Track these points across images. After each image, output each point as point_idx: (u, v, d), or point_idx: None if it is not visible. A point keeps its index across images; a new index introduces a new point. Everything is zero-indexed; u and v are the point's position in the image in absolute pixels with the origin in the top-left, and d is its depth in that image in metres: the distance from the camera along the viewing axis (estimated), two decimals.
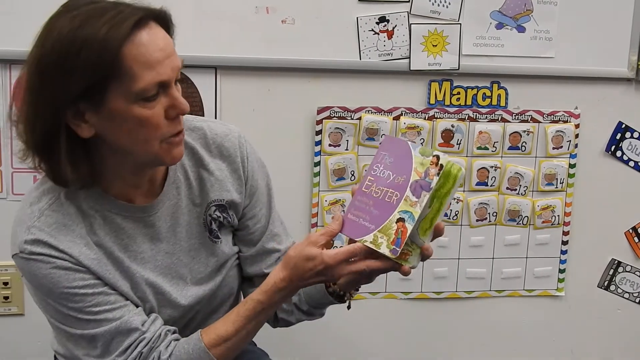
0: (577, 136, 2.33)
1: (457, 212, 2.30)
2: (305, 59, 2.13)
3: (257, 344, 1.71)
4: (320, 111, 2.18)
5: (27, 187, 1.35)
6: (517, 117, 2.28)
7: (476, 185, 2.29)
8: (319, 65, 2.14)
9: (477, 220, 2.33)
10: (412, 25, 2.15)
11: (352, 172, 2.22)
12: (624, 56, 2.29)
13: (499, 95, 2.26)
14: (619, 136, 2.36)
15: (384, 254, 1.27)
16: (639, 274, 2.47)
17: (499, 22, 2.20)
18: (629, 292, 2.49)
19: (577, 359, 2.52)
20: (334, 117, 2.18)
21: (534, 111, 2.29)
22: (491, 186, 2.30)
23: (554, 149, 2.31)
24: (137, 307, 1.35)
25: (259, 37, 2.10)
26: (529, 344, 2.48)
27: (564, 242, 2.40)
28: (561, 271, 2.42)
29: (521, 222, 2.35)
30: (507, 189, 2.31)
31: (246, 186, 1.46)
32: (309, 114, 2.19)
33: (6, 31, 1.98)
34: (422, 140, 2.23)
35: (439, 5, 2.15)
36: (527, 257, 2.39)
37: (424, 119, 2.24)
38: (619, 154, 2.38)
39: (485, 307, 2.42)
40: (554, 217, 2.36)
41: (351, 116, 2.19)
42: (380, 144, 1.66)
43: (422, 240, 1.27)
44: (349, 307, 1.48)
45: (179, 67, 1.24)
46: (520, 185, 2.31)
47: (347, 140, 2.20)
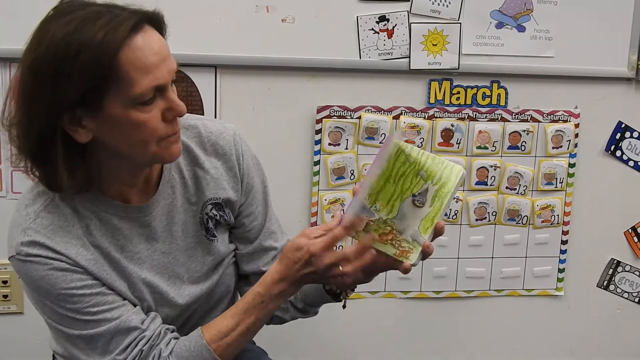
0: (576, 136, 2.33)
1: (456, 212, 2.30)
2: (305, 57, 2.13)
3: (256, 343, 1.71)
4: (320, 110, 2.18)
5: (26, 186, 1.34)
6: (516, 116, 2.28)
7: (476, 184, 2.29)
8: (319, 64, 2.14)
9: (476, 219, 2.33)
10: (412, 24, 2.15)
11: (352, 171, 2.22)
12: (623, 56, 2.29)
13: (499, 94, 2.26)
14: (618, 136, 2.36)
15: (384, 252, 1.28)
16: (638, 274, 2.47)
17: (499, 21, 2.20)
18: (628, 292, 2.49)
19: (576, 359, 2.53)
20: (334, 116, 2.18)
21: (533, 111, 2.29)
22: (491, 186, 2.30)
23: (553, 148, 2.31)
24: (134, 306, 1.35)
25: (259, 36, 2.10)
26: (528, 343, 2.48)
27: (564, 242, 2.40)
28: (560, 271, 2.42)
29: (521, 221, 2.35)
30: (507, 188, 2.31)
31: (242, 184, 1.46)
32: (308, 113, 2.19)
33: (6, 29, 1.97)
34: (421, 139, 2.23)
35: (439, 4, 2.15)
36: (526, 257, 2.39)
37: (424, 118, 2.23)
38: (618, 153, 2.37)
39: (484, 307, 2.42)
40: (553, 217, 2.36)
41: (351, 115, 2.19)
42: (381, 143, 1.66)
43: (423, 238, 1.28)
44: (345, 307, 1.48)
45: (175, 70, 1.24)
46: (519, 184, 2.31)
47: (347, 139, 2.20)
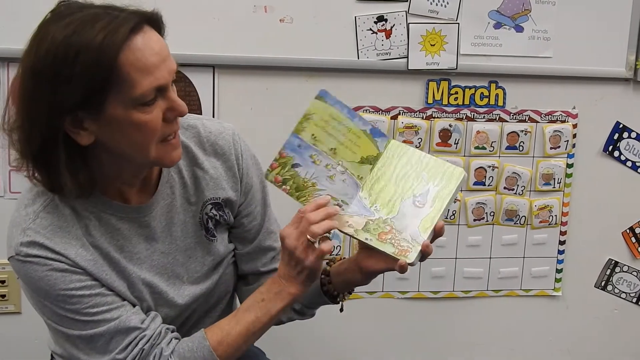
0: (574, 136, 2.33)
1: (454, 212, 2.30)
2: (303, 58, 2.13)
3: (253, 343, 1.71)
4: None
5: (24, 186, 1.34)
6: (514, 116, 2.28)
7: (473, 184, 2.29)
8: (317, 64, 2.14)
9: (474, 220, 2.33)
10: (410, 24, 2.15)
11: None
12: (622, 56, 2.29)
13: (497, 94, 2.26)
14: (616, 136, 2.36)
15: (383, 250, 1.30)
16: (636, 274, 2.48)
17: (497, 21, 2.20)
18: (626, 292, 2.49)
19: (573, 359, 2.53)
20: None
21: (531, 111, 2.29)
22: (488, 186, 2.30)
23: (551, 148, 2.31)
24: (134, 306, 1.35)
25: (257, 36, 2.09)
26: (526, 343, 2.48)
27: (561, 242, 2.40)
28: (558, 271, 2.42)
29: (518, 221, 2.35)
30: (505, 188, 2.31)
31: (241, 184, 1.46)
32: None
33: (4, 29, 1.97)
34: (419, 139, 2.23)
35: (437, 4, 2.15)
36: (524, 257, 2.39)
37: (422, 118, 2.23)
38: (616, 154, 2.38)
39: (482, 307, 2.42)
40: (551, 217, 2.36)
41: None
42: None
43: (422, 237, 1.29)
44: (342, 310, 1.48)
45: (175, 70, 1.24)
46: (517, 185, 2.31)
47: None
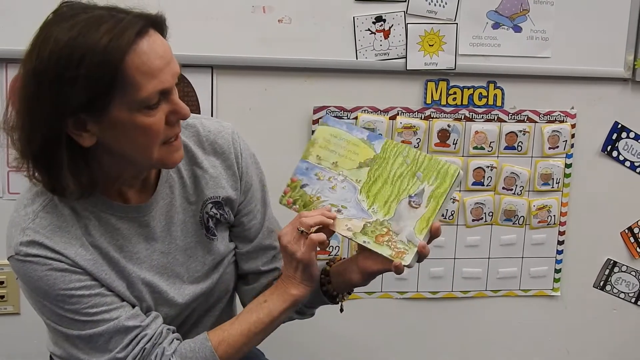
0: (573, 136, 2.33)
1: (452, 212, 2.30)
2: (301, 58, 2.13)
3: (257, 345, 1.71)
4: (316, 110, 2.18)
5: (23, 187, 1.34)
6: (513, 117, 2.28)
7: (472, 185, 2.29)
8: (316, 64, 2.14)
9: (473, 220, 2.33)
10: (408, 24, 2.15)
11: None
12: (620, 56, 2.29)
13: (495, 95, 2.26)
14: (615, 136, 2.36)
15: (380, 253, 1.30)
16: (634, 274, 2.48)
17: (495, 22, 2.20)
18: (624, 292, 2.49)
19: (572, 359, 2.53)
20: (322, 118, 2.18)
21: (530, 111, 2.29)
22: (487, 186, 2.30)
23: (550, 148, 2.31)
24: (133, 307, 1.35)
25: (256, 36, 2.09)
26: (525, 343, 2.48)
27: (560, 242, 2.40)
28: (557, 271, 2.42)
29: (517, 222, 2.35)
30: (503, 188, 2.31)
31: (241, 182, 1.46)
32: (305, 114, 2.19)
33: (3, 30, 1.97)
34: (418, 140, 2.23)
35: (435, 5, 2.15)
36: (523, 257, 2.39)
37: (420, 118, 2.23)
38: (615, 154, 2.38)
39: (481, 307, 2.42)
40: (549, 217, 2.36)
41: (347, 116, 2.19)
42: None
43: (418, 238, 1.28)
44: (342, 310, 1.48)
45: (178, 73, 1.24)
46: (516, 185, 2.31)
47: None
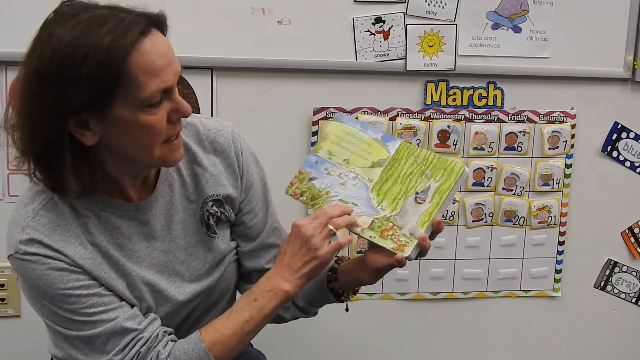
0: (573, 136, 2.33)
1: (453, 213, 2.30)
2: (301, 59, 2.13)
3: (253, 345, 1.71)
4: (316, 112, 2.18)
5: (23, 188, 1.34)
6: (513, 117, 2.28)
7: (472, 185, 2.29)
8: (315, 66, 2.14)
9: (473, 220, 2.33)
10: (408, 25, 2.15)
11: None
12: (619, 56, 2.29)
13: (495, 95, 2.26)
14: (615, 136, 2.36)
15: (384, 246, 1.34)
16: (635, 274, 2.48)
17: (494, 22, 2.20)
18: (625, 293, 2.49)
19: (573, 359, 2.53)
20: (330, 117, 2.18)
21: (530, 111, 2.29)
22: (487, 187, 2.30)
23: (550, 149, 2.31)
24: (132, 307, 1.35)
25: (255, 38, 2.10)
26: (525, 344, 2.48)
27: (560, 243, 2.40)
28: (557, 271, 2.42)
29: (517, 222, 2.35)
30: (503, 189, 2.31)
31: (242, 180, 1.46)
32: (305, 115, 2.19)
33: (3, 33, 1.97)
34: (418, 140, 2.23)
35: (435, 5, 2.15)
36: (523, 258, 2.39)
37: (420, 119, 2.23)
38: (615, 154, 2.38)
39: (481, 308, 2.42)
40: (550, 218, 2.36)
41: None
42: None
43: (419, 231, 1.29)
44: (347, 309, 1.49)
45: (180, 72, 1.24)
46: (516, 185, 2.31)
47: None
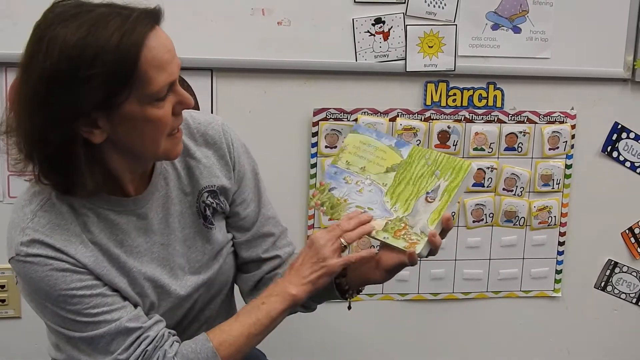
0: (573, 137, 2.33)
1: (453, 214, 2.30)
2: (301, 60, 2.13)
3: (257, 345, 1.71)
4: (316, 113, 2.18)
5: (21, 192, 1.34)
6: (513, 118, 2.28)
7: (472, 186, 2.29)
8: (315, 66, 2.14)
9: (473, 221, 2.32)
10: (407, 26, 2.15)
11: None
12: (619, 56, 2.29)
13: (495, 96, 2.26)
14: (615, 137, 2.36)
15: (396, 246, 1.35)
16: (635, 275, 2.48)
17: (494, 23, 2.20)
18: (625, 293, 2.49)
19: None
20: (330, 118, 2.18)
21: (530, 112, 2.29)
22: (487, 187, 2.30)
23: (550, 149, 2.31)
24: (135, 307, 1.35)
25: (255, 38, 2.10)
26: (526, 344, 2.48)
27: (561, 243, 2.40)
28: (558, 272, 2.42)
29: (518, 223, 2.35)
30: (504, 190, 2.31)
31: (234, 171, 1.47)
32: (305, 116, 2.19)
33: (2, 33, 1.96)
34: (418, 141, 2.23)
35: (434, 6, 2.15)
36: (523, 258, 2.39)
37: (420, 120, 2.23)
38: (615, 154, 2.38)
39: (482, 308, 2.42)
40: (550, 218, 2.36)
41: (347, 118, 2.19)
42: None
43: (429, 229, 1.32)
44: (350, 307, 1.50)
45: (180, 65, 1.27)
46: (516, 186, 2.31)
47: (344, 141, 2.20)
